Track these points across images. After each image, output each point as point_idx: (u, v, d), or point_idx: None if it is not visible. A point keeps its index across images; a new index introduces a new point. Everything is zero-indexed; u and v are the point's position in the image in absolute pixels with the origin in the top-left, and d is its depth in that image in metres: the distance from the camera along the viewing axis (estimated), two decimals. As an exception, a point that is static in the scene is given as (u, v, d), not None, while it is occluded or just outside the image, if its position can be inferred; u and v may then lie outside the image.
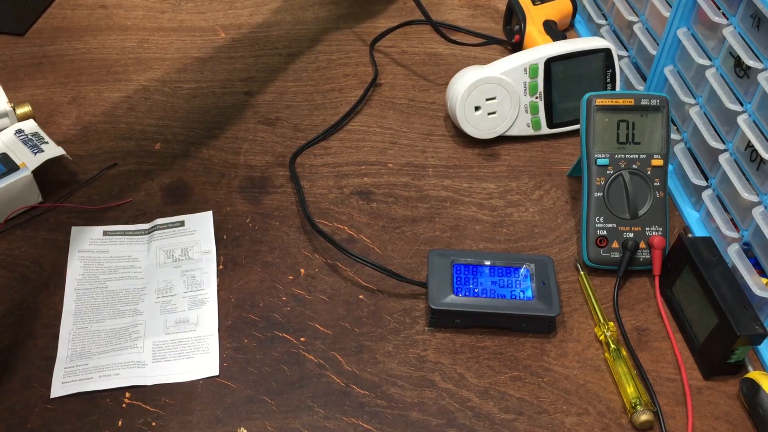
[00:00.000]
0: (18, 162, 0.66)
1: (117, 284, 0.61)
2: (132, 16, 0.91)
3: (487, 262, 0.61)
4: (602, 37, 0.82)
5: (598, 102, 0.64)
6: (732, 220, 0.63)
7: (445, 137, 0.77)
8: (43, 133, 0.69)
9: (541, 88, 0.74)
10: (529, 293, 0.59)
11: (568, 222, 0.68)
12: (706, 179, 0.67)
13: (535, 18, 0.84)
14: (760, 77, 0.57)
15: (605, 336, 0.58)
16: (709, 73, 0.64)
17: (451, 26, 0.89)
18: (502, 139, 0.75)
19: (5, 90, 0.73)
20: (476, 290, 0.59)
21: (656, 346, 0.59)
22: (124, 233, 0.65)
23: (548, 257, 0.62)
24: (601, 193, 0.63)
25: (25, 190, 0.66)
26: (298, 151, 0.73)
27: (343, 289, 0.62)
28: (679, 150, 0.69)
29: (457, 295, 0.59)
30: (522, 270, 0.61)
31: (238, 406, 0.54)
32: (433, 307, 0.58)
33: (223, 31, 0.89)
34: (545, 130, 0.76)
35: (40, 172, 0.66)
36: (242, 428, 0.52)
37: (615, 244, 0.63)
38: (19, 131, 0.69)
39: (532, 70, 0.73)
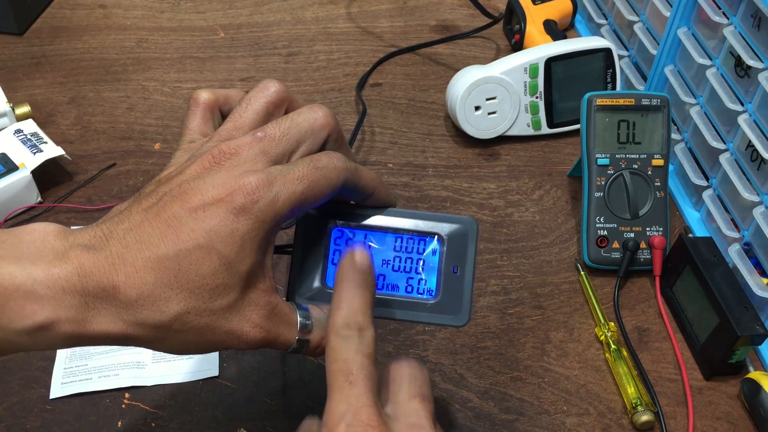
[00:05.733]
0: (17, 162, 0.66)
1: (116, 284, 0.61)
2: (131, 16, 0.91)
3: (383, 227, 0.42)
4: (602, 36, 0.82)
5: (599, 102, 0.64)
6: (733, 220, 0.63)
7: (445, 137, 0.76)
8: (42, 133, 0.69)
9: (541, 87, 0.74)
10: (432, 284, 0.42)
11: (568, 222, 0.68)
12: (707, 179, 0.67)
13: (535, 18, 0.84)
14: (761, 77, 0.57)
15: (606, 336, 0.58)
16: (710, 73, 0.64)
17: (432, 42, 0.89)
18: (502, 139, 0.75)
19: (4, 90, 0.73)
20: None
21: (657, 347, 0.59)
22: (123, 233, 0.65)
23: (471, 221, 0.42)
24: (602, 193, 0.63)
25: (24, 190, 0.65)
26: None
27: (343, 290, 0.62)
28: (679, 150, 0.69)
29: (328, 284, 0.42)
30: (429, 243, 0.42)
31: (238, 406, 0.54)
32: (290, 301, 0.41)
33: (223, 31, 0.89)
34: (545, 129, 0.76)
35: (39, 172, 0.66)
36: (242, 429, 0.52)
37: (615, 244, 0.63)
38: (18, 131, 0.69)
39: (533, 70, 0.73)
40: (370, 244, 0.42)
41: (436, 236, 0.42)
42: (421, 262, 0.42)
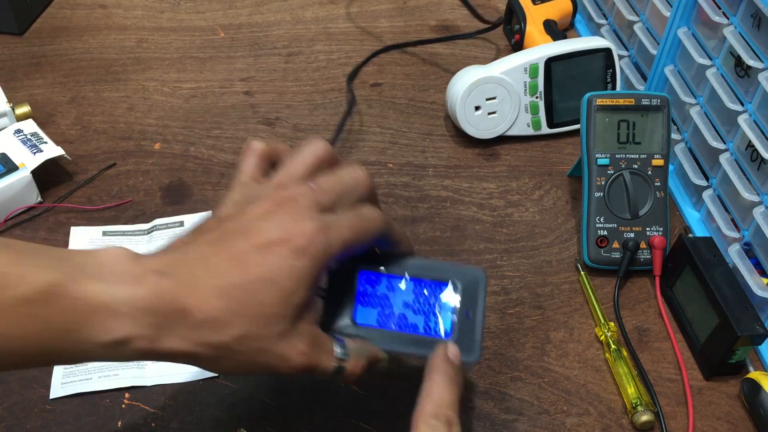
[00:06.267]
0: (17, 162, 0.66)
1: (116, 284, 0.61)
2: (131, 16, 0.91)
3: (405, 273, 0.47)
4: (602, 36, 0.82)
5: (599, 102, 0.64)
6: (733, 220, 0.63)
7: (445, 137, 0.76)
8: (42, 133, 0.69)
9: (541, 87, 0.74)
10: (447, 326, 0.46)
11: (568, 222, 0.68)
12: (707, 179, 0.67)
13: (535, 18, 0.84)
14: (761, 77, 0.57)
15: (606, 336, 0.58)
16: (710, 73, 0.64)
17: (434, 40, 0.89)
18: (502, 139, 0.75)
19: (4, 90, 0.73)
20: (382, 317, 0.46)
21: (657, 347, 0.59)
22: (123, 233, 0.65)
23: (482, 272, 0.47)
24: (602, 193, 0.63)
25: (24, 190, 0.65)
26: None
27: (343, 290, 0.62)
28: (679, 150, 0.69)
29: (356, 321, 0.46)
30: (445, 289, 0.47)
31: (238, 406, 0.54)
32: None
33: (223, 31, 0.89)
34: (545, 129, 0.76)
35: (39, 172, 0.66)
36: (242, 429, 0.52)
37: (615, 244, 0.63)
38: (18, 131, 0.69)
39: (533, 70, 0.73)
40: (398, 286, 0.47)
41: (450, 283, 0.46)
42: (438, 306, 0.46)
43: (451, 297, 0.46)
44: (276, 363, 0.40)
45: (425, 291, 0.47)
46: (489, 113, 0.73)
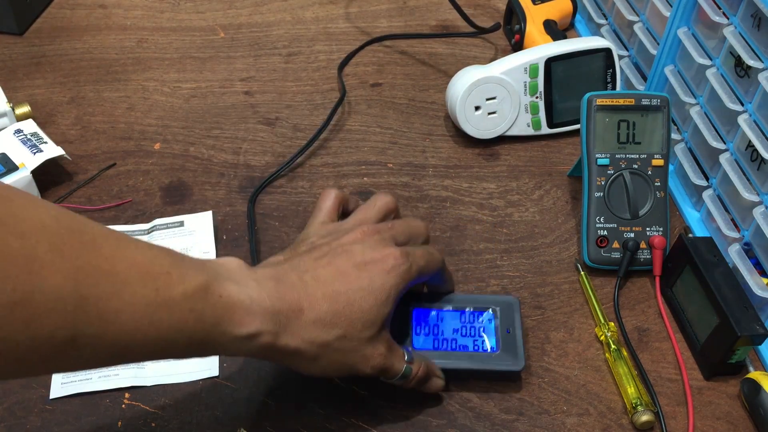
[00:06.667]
0: (17, 162, 0.66)
1: (116, 284, 0.61)
2: (131, 16, 0.91)
3: (450, 306, 0.56)
4: (602, 36, 0.82)
5: (599, 102, 0.64)
6: (733, 220, 0.63)
7: (445, 137, 0.76)
8: (42, 133, 0.69)
9: (541, 87, 0.74)
10: (493, 343, 0.55)
11: (568, 222, 0.68)
12: (707, 179, 0.67)
13: (535, 18, 0.84)
14: (761, 77, 0.57)
15: (606, 336, 0.58)
16: (710, 73, 0.64)
17: (432, 35, 0.89)
18: (502, 139, 0.75)
19: (4, 90, 0.73)
20: (437, 341, 0.55)
21: (657, 347, 0.59)
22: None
23: (515, 299, 0.57)
24: (602, 193, 0.63)
25: (24, 190, 0.65)
26: (257, 190, 0.69)
27: (343, 290, 0.62)
28: (679, 150, 0.69)
29: (416, 348, 0.55)
30: (486, 314, 0.56)
31: (238, 406, 0.54)
32: None
33: (223, 31, 0.89)
34: (545, 129, 0.76)
35: (39, 172, 0.66)
36: (242, 429, 0.52)
37: (615, 244, 0.63)
38: (18, 131, 0.69)
39: (533, 70, 0.73)
40: (446, 317, 0.56)
41: (490, 309, 0.56)
42: (482, 328, 0.56)
43: (491, 319, 0.56)
44: (359, 362, 0.48)
45: (469, 319, 0.56)
46: (489, 113, 0.73)
